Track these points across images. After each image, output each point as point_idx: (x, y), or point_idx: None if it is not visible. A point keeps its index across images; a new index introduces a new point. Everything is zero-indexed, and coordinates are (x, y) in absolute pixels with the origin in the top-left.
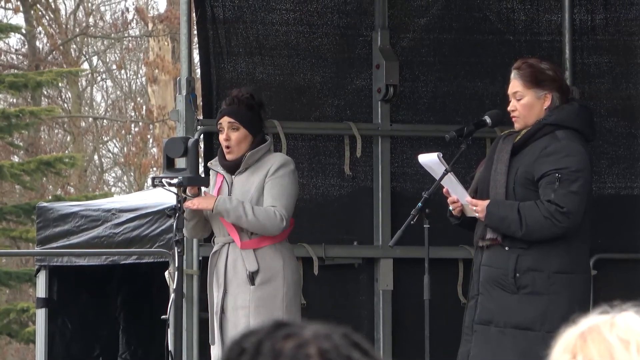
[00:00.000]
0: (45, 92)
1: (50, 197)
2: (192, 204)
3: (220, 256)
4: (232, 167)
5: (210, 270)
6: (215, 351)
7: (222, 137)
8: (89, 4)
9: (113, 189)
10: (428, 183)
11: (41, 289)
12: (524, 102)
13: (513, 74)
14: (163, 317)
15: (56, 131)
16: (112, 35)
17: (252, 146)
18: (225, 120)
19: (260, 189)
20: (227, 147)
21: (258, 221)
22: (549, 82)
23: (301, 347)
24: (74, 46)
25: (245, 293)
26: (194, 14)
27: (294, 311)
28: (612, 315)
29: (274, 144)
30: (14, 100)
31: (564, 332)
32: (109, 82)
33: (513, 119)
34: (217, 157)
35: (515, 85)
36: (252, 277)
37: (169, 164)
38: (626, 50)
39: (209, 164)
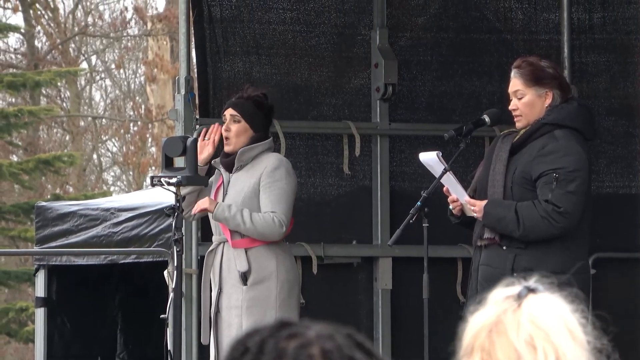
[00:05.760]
0: (44, 92)
1: (49, 196)
2: (195, 207)
3: (216, 255)
4: (230, 165)
5: (206, 269)
6: (212, 351)
7: (223, 128)
8: (88, 3)
9: (112, 188)
10: (427, 182)
11: (40, 289)
12: (525, 101)
13: (513, 73)
14: (162, 316)
15: (55, 130)
16: (111, 34)
17: (250, 142)
18: (228, 112)
19: (254, 189)
20: (227, 138)
21: (256, 229)
22: (549, 79)
23: (304, 347)
24: (73, 45)
25: (238, 293)
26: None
27: (288, 311)
28: (517, 302)
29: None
30: (13, 100)
31: (473, 317)
32: (107, 82)
33: (515, 118)
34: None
35: (515, 84)
36: (244, 277)
37: (168, 163)
38: (624, 49)
39: (213, 162)
